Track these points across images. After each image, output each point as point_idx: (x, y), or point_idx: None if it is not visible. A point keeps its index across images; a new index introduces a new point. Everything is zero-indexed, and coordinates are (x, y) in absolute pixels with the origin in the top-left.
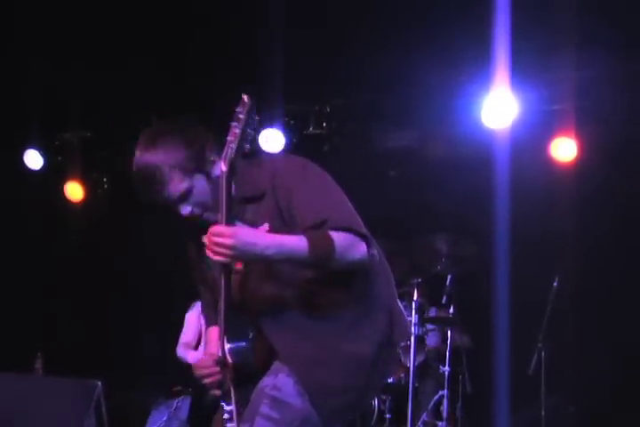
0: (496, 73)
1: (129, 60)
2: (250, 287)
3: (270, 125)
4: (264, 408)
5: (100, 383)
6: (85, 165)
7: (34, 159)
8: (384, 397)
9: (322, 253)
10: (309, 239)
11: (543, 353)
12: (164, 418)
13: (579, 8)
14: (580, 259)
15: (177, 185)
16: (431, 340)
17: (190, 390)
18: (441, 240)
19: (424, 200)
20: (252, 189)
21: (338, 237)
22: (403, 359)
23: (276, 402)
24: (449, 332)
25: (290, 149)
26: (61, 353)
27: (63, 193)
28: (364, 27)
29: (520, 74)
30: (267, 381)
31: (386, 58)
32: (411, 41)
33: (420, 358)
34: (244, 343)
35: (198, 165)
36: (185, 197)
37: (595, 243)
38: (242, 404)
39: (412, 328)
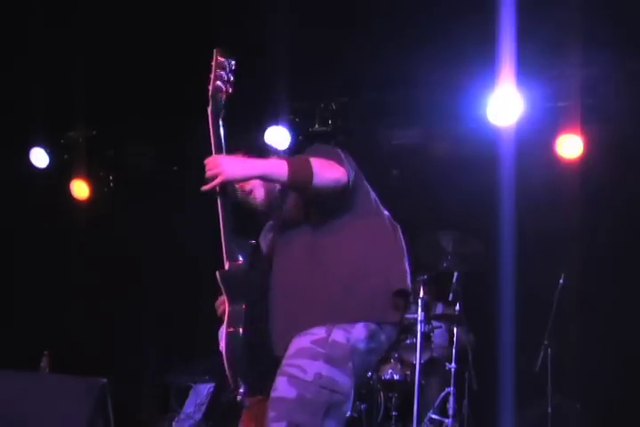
0: (501, 70)
1: (134, 58)
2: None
3: (276, 123)
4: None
5: (105, 381)
6: (91, 164)
7: (40, 158)
8: (390, 394)
9: (301, 174)
10: (289, 162)
11: (549, 351)
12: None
13: (584, 5)
14: (586, 256)
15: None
16: (437, 337)
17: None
18: (447, 238)
19: (429, 198)
20: None
21: (316, 160)
22: (409, 357)
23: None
24: (455, 329)
25: (295, 146)
26: (67, 351)
27: (69, 191)
28: (369, 25)
29: (525, 71)
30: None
31: (391, 56)
32: (415, 39)
33: (427, 355)
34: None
35: None
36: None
37: (600, 240)
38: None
39: (419, 326)
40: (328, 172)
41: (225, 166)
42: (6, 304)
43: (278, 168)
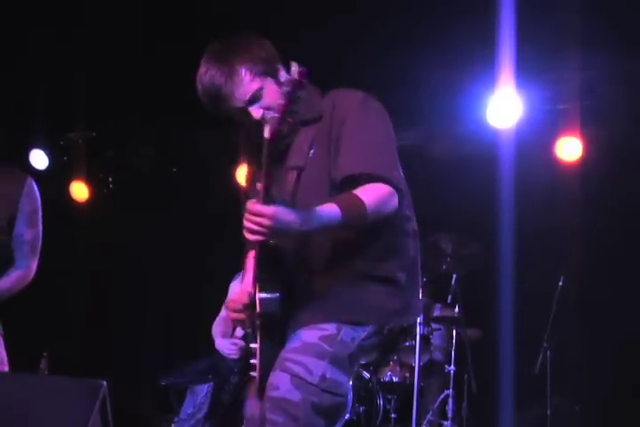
0: (501, 72)
1: (133, 59)
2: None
3: None
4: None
5: (105, 383)
6: (91, 165)
7: (39, 159)
8: (389, 396)
9: (355, 216)
10: (341, 206)
11: (549, 353)
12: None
13: (583, 8)
14: (586, 258)
15: (248, 85)
16: (437, 339)
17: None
18: (446, 240)
19: (429, 199)
20: (311, 113)
21: (369, 196)
22: (408, 359)
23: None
24: (454, 331)
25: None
26: (67, 353)
27: (69, 193)
28: (369, 26)
29: (525, 73)
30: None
31: (391, 58)
32: (415, 40)
33: (426, 357)
34: (277, 295)
35: (269, 67)
36: (256, 98)
37: (600, 242)
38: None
39: (418, 328)
40: (382, 206)
41: (274, 225)
42: (5, 306)
43: (330, 220)
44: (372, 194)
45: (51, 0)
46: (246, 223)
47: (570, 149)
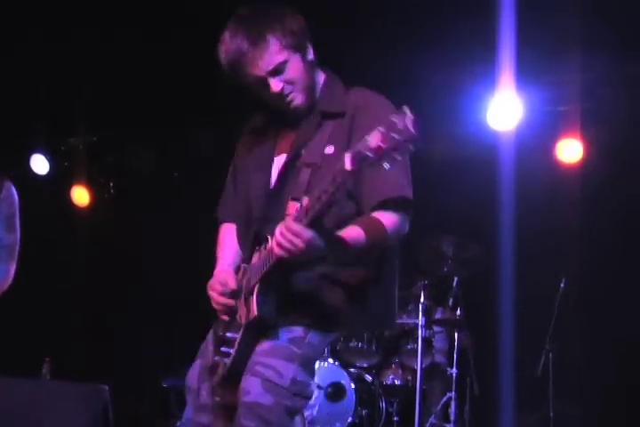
0: (501, 74)
1: (133, 64)
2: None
3: None
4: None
5: (107, 388)
6: (91, 170)
7: (40, 164)
8: (392, 399)
9: (377, 241)
10: (366, 232)
11: (551, 355)
12: None
13: (583, 10)
14: (587, 260)
15: (275, 55)
16: (438, 342)
17: None
18: (447, 242)
19: (430, 202)
20: (334, 106)
21: (390, 222)
22: (410, 362)
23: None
24: (456, 334)
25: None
26: (69, 358)
27: (69, 198)
28: (368, 29)
29: (525, 75)
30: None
31: (391, 59)
32: (416, 42)
33: (428, 360)
34: (274, 299)
35: (298, 42)
36: (279, 70)
37: (601, 244)
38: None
39: (419, 331)
40: (400, 231)
41: (306, 249)
42: (7, 311)
43: (356, 246)
44: (392, 219)
45: (51, 3)
46: (280, 238)
47: (570, 151)
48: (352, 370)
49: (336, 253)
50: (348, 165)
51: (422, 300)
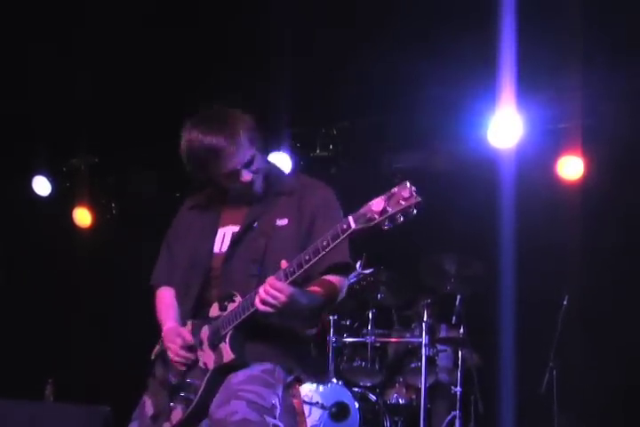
0: (502, 92)
1: (134, 85)
2: None
3: (277, 149)
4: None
5: (109, 409)
6: (93, 191)
7: (42, 186)
8: (396, 418)
9: (332, 300)
10: (325, 294)
11: (555, 372)
12: None
13: (584, 26)
14: (588, 277)
15: (247, 149)
16: (442, 360)
17: None
18: (450, 260)
19: (430, 220)
20: (284, 188)
21: (341, 284)
22: (414, 381)
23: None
24: (460, 352)
25: (297, 171)
26: (72, 380)
27: (72, 219)
28: (368, 49)
29: (526, 92)
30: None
31: (391, 78)
32: (416, 61)
33: (432, 378)
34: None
35: (256, 136)
36: (250, 163)
37: (602, 261)
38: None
39: (423, 349)
40: (344, 291)
41: (288, 303)
42: (9, 333)
43: (319, 302)
44: (341, 282)
45: (53, 25)
46: (263, 295)
47: (571, 167)
48: (356, 389)
49: (307, 307)
50: (352, 225)
51: (425, 318)
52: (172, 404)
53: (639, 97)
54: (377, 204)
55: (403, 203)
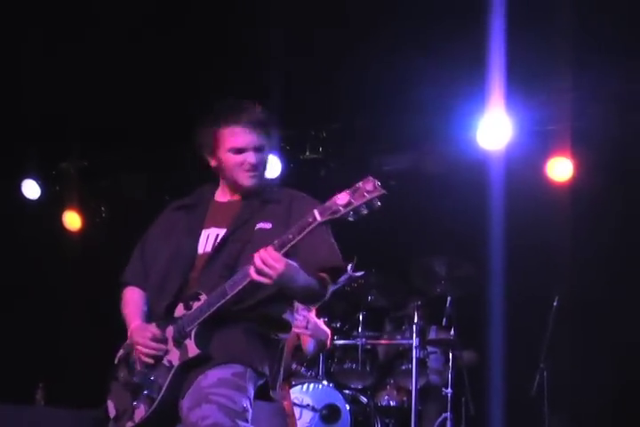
0: (491, 94)
1: (124, 88)
2: None
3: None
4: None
5: (100, 413)
6: (83, 195)
7: (32, 189)
8: (387, 420)
9: (320, 293)
10: (316, 281)
11: (545, 373)
12: None
13: (574, 29)
14: (578, 278)
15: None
16: (433, 362)
17: None
18: (440, 262)
19: (421, 222)
20: (273, 196)
21: (329, 282)
22: (404, 383)
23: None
24: (450, 354)
25: (286, 174)
26: (62, 384)
27: (61, 222)
28: (358, 51)
29: (515, 94)
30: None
31: (381, 81)
32: (406, 63)
33: (422, 380)
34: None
35: (272, 144)
36: (261, 149)
37: (592, 262)
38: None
39: (414, 351)
40: (328, 292)
41: (284, 272)
42: None
43: (310, 285)
44: (330, 281)
45: (44, 27)
46: (259, 264)
47: (560, 169)
48: (347, 392)
49: (301, 285)
50: (318, 217)
51: (416, 320)
52: (134, 403)
53: (628, 99)
54: (342, 197)
55: (367, 195)
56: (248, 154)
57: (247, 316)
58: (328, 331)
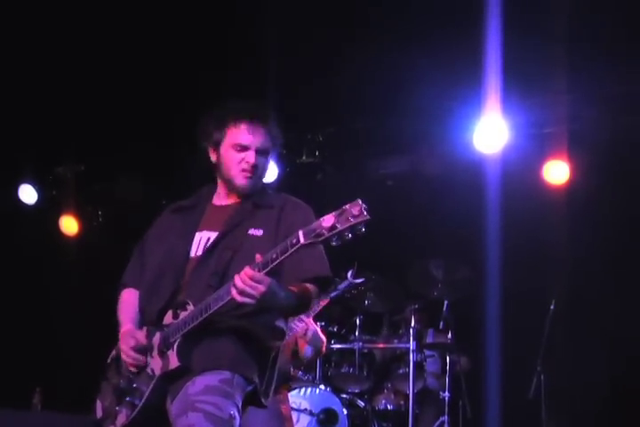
0: (488, 97)
1: (120, 92)
2: None
3: None
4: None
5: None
6: (80, 199)
7: (28, 194)
8: (385, 424)
9: (304, 306)
10: (298, 295)
11: (542, 376)
12: None
13: (570, 32)
14: (575, 281)
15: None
16: (430, 366)
17: None
18: (436, 266)
19: (417, 225)
20: (265, 201)
21: (315, 294)
22: (402, 386)
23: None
24: (448, 358)
25: (283, 178)
26: (60, 388)
27: (58, 227)
28: (354, 55)
29: (512, 97)
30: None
31: (377, 84)
32: (401, 66)
33: (420, 384)
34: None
35: (276, 149)
36: (264, 153)
37: (589, 265)
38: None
39: (411, 355)
40: (314, 303)
41: (267, 293)
42: None
43: (293, 301)
44: (316, 292)
45: (38, 31)
46: (241, 286)
47: (557, 172)
48: (344, 396)
49: (283, 304)
50: (302, 239)
51: (413, 324)
52: (117, 408)
53: (624, 102)
54: (327, 220)
55: (352, 220)
56: (249, 153)
57: (238, 323)
58: (324, 338)
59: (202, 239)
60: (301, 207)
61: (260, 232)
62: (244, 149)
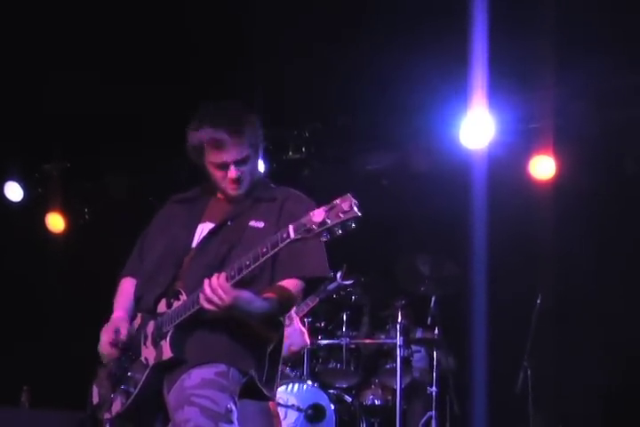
0: (473, 92)
1: (110, 90)
2: None
3: None
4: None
5: (85, 415)
6: (66, 196)
7: (14, 191)
8: (372, 419)
9: (285, 310)
10: (279, 301)
11: (529, 371)
12: None
13: (556, 27)
14: (561, 276)
15: (245, 149)
16: (417, 361)
17: None
18: (424, 262)
19: (404, 221)
20: (267, 195)
21: (297, 293)
22: (389, 382)
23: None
24: (435, 353)
25: (269, 174)
26: (47, 386)
27: (44, 224)
28: (340, 50)
29: (497, 93)
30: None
31: (363, 80)
32: (388, 62)
33: (407, 379)
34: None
35: (259, 141)
36: (242, 162)
37: (575, 260)
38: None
39: (398, 350)
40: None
41: (232, 304)
42: None
43: (269, 308)
44: (299, 292)
45: (24, 30)
46: (209, 294)
47: (543, 167)
48: (332, 391)
49: (257, 313)
50: (292, 234)
51: (400, 319)
52: (112, 395)
53: (610, 96)
54: (318, 214)
55: (342, 216)
56: (230, 169)
57: (232, 314)
58: (307, 342)
59: (203, 230)
60: (303, 201)
61: (261, 224)
62: (223, 166)
